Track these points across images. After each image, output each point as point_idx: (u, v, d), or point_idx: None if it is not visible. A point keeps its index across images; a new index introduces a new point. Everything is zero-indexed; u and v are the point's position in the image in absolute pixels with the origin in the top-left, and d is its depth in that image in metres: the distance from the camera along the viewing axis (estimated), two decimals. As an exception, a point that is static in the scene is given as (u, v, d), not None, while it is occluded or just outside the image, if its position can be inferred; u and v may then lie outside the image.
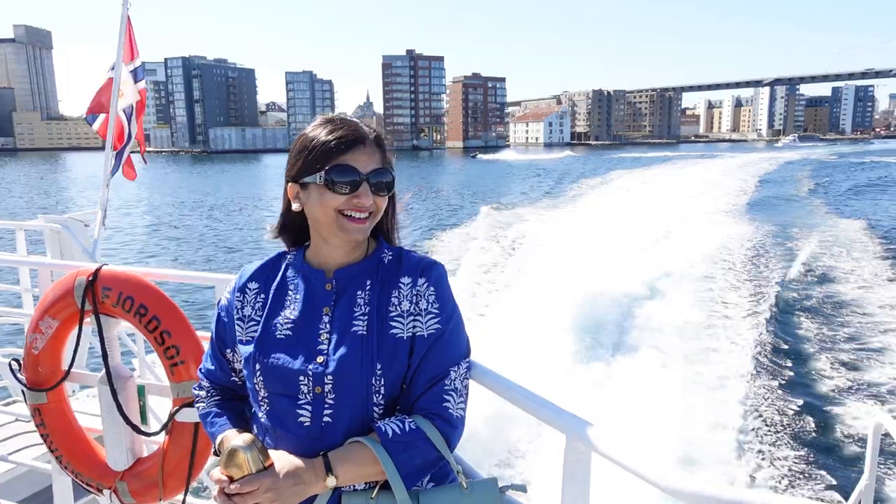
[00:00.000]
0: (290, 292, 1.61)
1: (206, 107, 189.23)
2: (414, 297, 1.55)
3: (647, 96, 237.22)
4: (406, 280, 1.57)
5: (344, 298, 1.56)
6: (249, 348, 1.58)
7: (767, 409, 9.89)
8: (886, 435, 2.59)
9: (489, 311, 14.11)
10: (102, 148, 5.79)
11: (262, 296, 1.63)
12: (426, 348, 1.52)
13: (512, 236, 24.50)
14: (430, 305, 1.55)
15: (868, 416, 9.48)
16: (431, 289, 1.56)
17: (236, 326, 1.63)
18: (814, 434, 9.24)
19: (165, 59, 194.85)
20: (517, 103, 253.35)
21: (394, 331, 1.52)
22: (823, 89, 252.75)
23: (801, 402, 10.19)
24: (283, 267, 1.67)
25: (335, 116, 1.58)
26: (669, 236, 23.18)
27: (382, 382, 1.50)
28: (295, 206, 1.58)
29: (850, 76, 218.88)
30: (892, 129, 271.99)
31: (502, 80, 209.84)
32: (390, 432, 1.44)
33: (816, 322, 14.31)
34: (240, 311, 1.64)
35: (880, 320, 14.51)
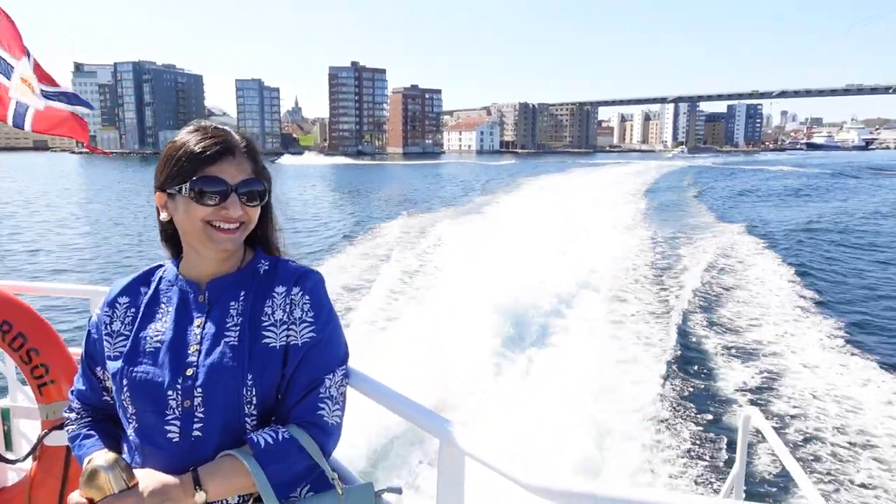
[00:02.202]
0: (162, 305, 1.50)
1: (156, 110, 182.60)
2: (288, 306, 1.47)
3: (567, 109, 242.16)
4: (280, 289, 1.48)
5: (216, 310, 1.46)
6: (117, 363, 1.45)
7: (658, 407, 9.84)
8: (752, 423, 2.64)
9: (403, 317, 13.59)
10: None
11: (133, 310, 1.52)
12: (300, 357, 1.44)
13: (427, 242, 23.39)
14: (304, 314, 1.46)
15: (741, 409, 9.55)
16: (306, 297, 1.48)
17: (105, 342, 1.51)
18: (697, 428, 9.28)
19: (115, 64, 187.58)
20: (450, 113, 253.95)
21: (266, 340, 1.43)
22: (721, 106, 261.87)
23: (689, 399, 10.22)
24: (156, 280, 1.55)
25: (207, 124, 1.47)
26: (580, 242, 22.62)
27: (254, 393, 1.41)
28: (163, 216, 1.49)
29: (740, 96, 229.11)
30: (778, 142, 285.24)
31: (438, 91, 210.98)
32: (263, 443, 1.36)
33: (707, 321, 14.26)
34: (108, 327, 1.51)
35: (760, 319, 14.69)
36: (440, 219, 30.47)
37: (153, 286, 1.54)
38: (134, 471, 1.30)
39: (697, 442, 8.91)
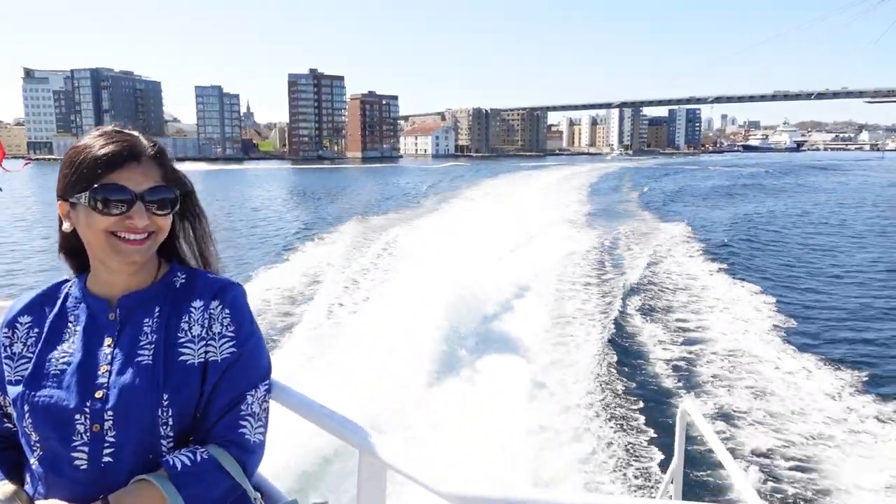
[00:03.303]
0: (69, 324, 1.37)
1: (115, 117, 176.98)
2: (206, 321, 1.37)
3: (518, 114, 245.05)
4: (198, 303, 1.38)
5: (129, 328, 1.34)
6: (18, 388, 1.32)
7: (599, 408, 9.71)
8: (689, 417, 2.62)
9: (345, 327, 13.18)
10: None
11: (36, 330, 1.38)
12: (220, 373, 1.34)
13: (376, 248, 23.07)
14: (224, 329, 1.36)
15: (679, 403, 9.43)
16: (226, 311, 1.38)
17: (4, 366, 1.37)
18: (639, 425, 9.22)
19: (72, 70, 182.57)
20: (405, 118, 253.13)
21: (183, 357, 1.33)
22: (662, 111, 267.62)
23: (629, 397, 10.12)
24: (62, 297, 1.41)
25: (111, 129, 1.35)
26: (525, 244, 22.66)
27: (170, 413, 1.30)
28: (65, 226, 1.35)
29: (679, 101, 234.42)
30: (717, 145, 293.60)
31: (395, 97, 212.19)
32: (179, 465, 1.25)
33: (643, 319, 14.47)
34: (9, 349, 1.38)
35: (699, 315, 14.76)
36: (387, 224, 30.12)
37: (58, 304, 1.40)
38: (37, 503, 1.21)
39: (640, 438, 8.78)
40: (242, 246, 26.69)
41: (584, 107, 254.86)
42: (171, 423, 1.30)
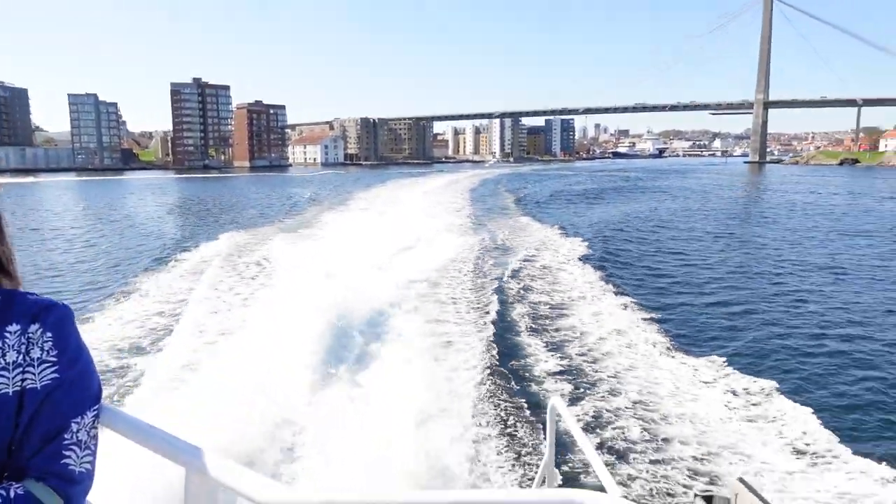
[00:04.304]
0: None
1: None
2: (23, 346, 1.21)
3: (405, 124, 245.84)
4: (13, 328, 1.22)
5: None
6: None
7: (478, 408, 9.71)
8: (557, 411, 2.65)
9: (222, 342, 12.50)
10: None
11: None
12: (39, 402, 1.19)
13: (253, 259, 22.06)
14: (44, 353, 1.22)
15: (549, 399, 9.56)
16: (48, 334, 1.23)
17: None
18: (518, 421, 9.24)
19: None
20: (293, 127, 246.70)
21: None
22: (539, 121, 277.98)
23: (507, 394, 10.15)
24: None
25: None
26: (406, 249, 22.45)
27: None
28: None
29: (553, 112, 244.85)
30: (590, 152, 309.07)
31: (282, 107, 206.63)
32: None
33: (520, 317, 14.60)
34: None
35: (567, 311, 15.09)
36: (267, 234, 28.86)
37: None
38: None
39: (517, 435, 8.80)
40: (108, 262, 24.72)
41: (468, 116, 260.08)
42: None
